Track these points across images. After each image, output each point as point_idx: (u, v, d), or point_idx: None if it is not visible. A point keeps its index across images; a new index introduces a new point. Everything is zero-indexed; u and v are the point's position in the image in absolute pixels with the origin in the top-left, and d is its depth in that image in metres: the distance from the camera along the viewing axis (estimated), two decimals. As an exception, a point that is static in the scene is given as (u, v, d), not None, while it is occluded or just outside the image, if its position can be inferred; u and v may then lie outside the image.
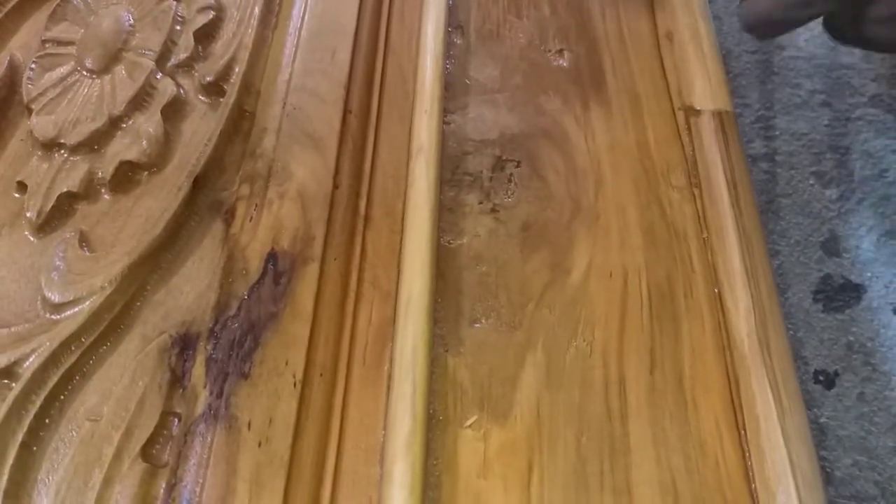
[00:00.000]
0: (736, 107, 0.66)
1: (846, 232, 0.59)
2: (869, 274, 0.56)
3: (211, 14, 0.40)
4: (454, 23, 0.41)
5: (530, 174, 0.36)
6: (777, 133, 0.65)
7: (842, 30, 0.35)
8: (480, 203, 0.35)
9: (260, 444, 0.27)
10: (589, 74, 0.40)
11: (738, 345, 0.30)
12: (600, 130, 0.38)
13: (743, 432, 0.29)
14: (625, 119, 0.38)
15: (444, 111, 0.38)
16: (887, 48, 0.35)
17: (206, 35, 0.40)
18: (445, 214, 0.34)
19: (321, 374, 0.29)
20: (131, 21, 0.40)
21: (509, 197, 0.35)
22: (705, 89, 0.38)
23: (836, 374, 0.52)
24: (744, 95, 0.67)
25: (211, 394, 0.28)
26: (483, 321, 0.31)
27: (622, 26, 0.42)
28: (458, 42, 0.41)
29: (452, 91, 0.39)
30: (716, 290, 0.33)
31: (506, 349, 0.30)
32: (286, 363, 0.29)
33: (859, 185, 0.61)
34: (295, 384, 0.28)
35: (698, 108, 0.37)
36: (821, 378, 0.52)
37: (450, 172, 0.36)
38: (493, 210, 0.35)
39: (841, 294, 0.55)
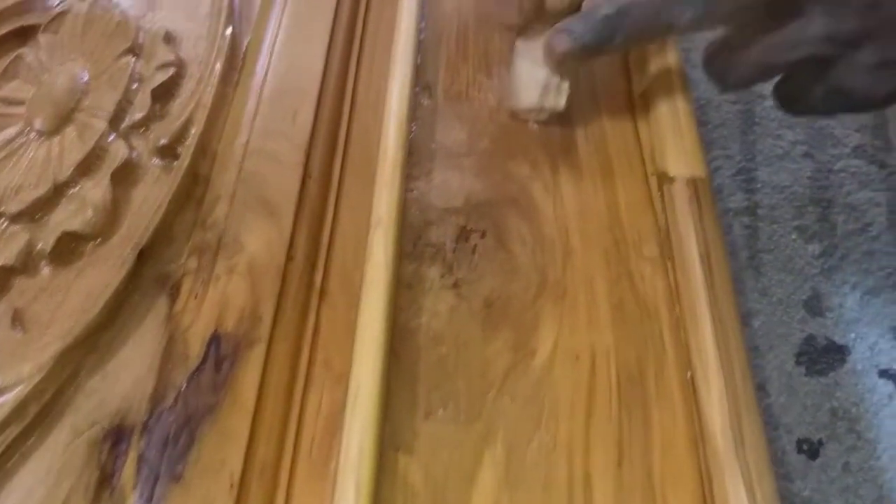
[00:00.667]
0: (717, 158, 0.65)
1: (829, 289, 0.57)
2: (853, 334, 0.54)
3: (171, 71, 0.39)
4: (422, 83, 0.40)
5: (495, 245, 0.34)
6: (759, 185, 0.63)
7: (802, 93, 0.34)
8: (442, 277, 0.33)
9: (190, 556, 0.25)
10: (559, 137, 0.38)
11: (711, 438, 0.28)
12: (570, 196, 0.36)
13: (716, 537, 0.27)
14: (595, 184, 0.37)
15: (409, 177, 0.36)
16: (862, 103, 0.34)
17: (164, 93, 0.39)
18: (404, 291, 0.32)
19: (261, 473, 0.27)
20: (86, 79, 0.38)
21: (473, 270, 0.33)
22: (679, 155, 0.36)
23: (821, 442, 0.50)
24: (725, 147, 0.66)
25: (140, 498, 0.26)
26: (440, 412, 0.29)
27: (596, 85, 0.41)
28: (426, 103, 0.39)
29: (417, 156, 0.37)
30: (688, 375, 0.31)
31: (463, 444, 0.28)
32: (223, 462, 0.27)
33: (842, 240, 0.59)
34: (231, 486, 0.26)
35: (672, 174, 0.36)
36: (804, 447, 0.50)
37: (411, 244, 0.34)
38: (455, 285, 0.33)
39: (824, 356, 0.53)
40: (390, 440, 0.28)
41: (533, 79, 0.36)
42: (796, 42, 0.32)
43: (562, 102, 0.37)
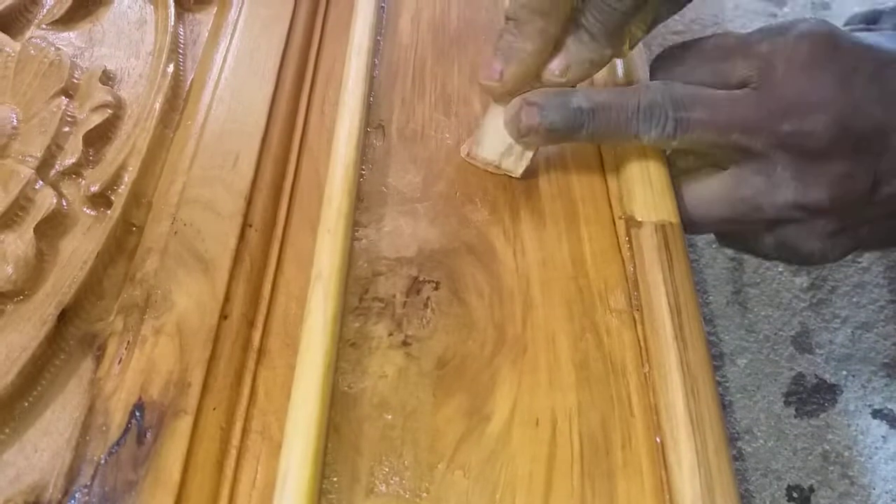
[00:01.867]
0: (699, 187, 0.62)
1: (818, 324, 0.55)
2: (844, 372, 0.52)
3: (107, 113, 0.37)
4: (374, 122, 0.38)
5: (450, 298, 0.32)
6: (742, 216, 0.61)
7: (751, 239, 0.35)
8: (391, 335, 0.30)
9: None
10: (521, 179, 0.36)
11: (682, 513, 0.26)
12: (531, 244, 0.34)
13: None
14: (559, 230, 0.34)
15: (357, 225, 0.34)
16: (810, 262, 0.34)
17: (99, 137, 0.36)
18: (348, 351, 0.30)
19: (182, 564, 0.24)
20: (15, 123, 0.36)
21: (425, 326, 0.31)
22: (647, 198, 0.34)
23: (812, 489, 0.47)
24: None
25: None
26: (383, 488, 0.27)
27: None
28: (378, 144, 0.37)
29: (368, 201, 0.35)
30: (657, 440, 0.28)
31: (407, 525, 0.26)
32: (138, 553, 0.24)
33: (831, 272, 0.57)
34: (146, 581, 0.23)
35: (639, 218, 0.33)
36: (794, 495, 0.47)
37: (357, 299, 0.31)
38: (404, 343, 0.30)
39: (815, 396, 0.51)
40: (327, 524, 0.26)
41: (500, 136, 0.34)
42: (758, 205, 0.32)
43: (519, 171, 0.35)
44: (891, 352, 0.54)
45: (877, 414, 0.51)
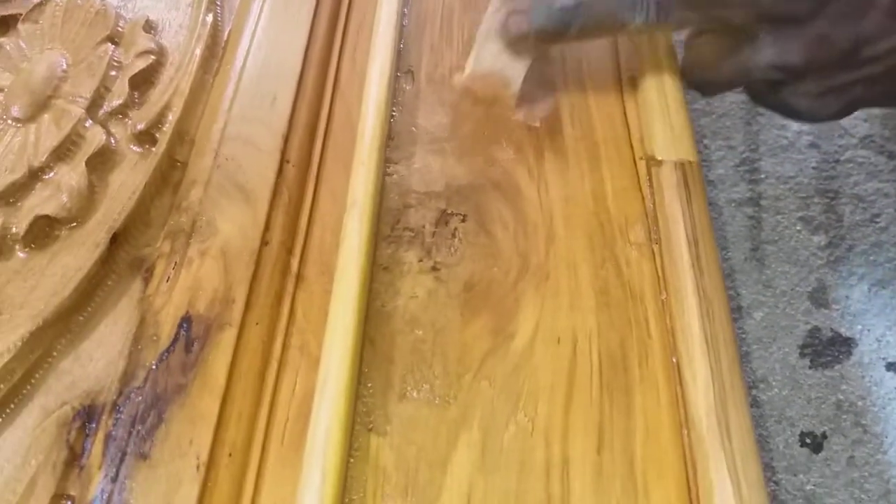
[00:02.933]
0: (720, 149, 0.64)
1: (835, 281, 0.56)
2: (860, 326, 0.53)
3: (150, 59, 0.39)
4: (404, 67, 0.39)
5: (476, 229, 0.33)
6: (762, 176, 0.62)
7: (764, 96, 0.35)
8: (420, 261, 0.32)
9: (151, 539, 0.24)
10: (545, 121, 0.37)
11: (696, 424, 0.27)
12: (555, 182, 0.35)
13: (699, 525, 0.26)
14: (582, 170, 0.36)
15: (388, 161, 0.35)
16: (809, 119, 0.35)
17: (143, 81, 0.38)
18: (381, 274, 0.32)
19: (230, 455, 0.26)
20: (65, 66, 0.38)
21: (452, 254, 0.32)
22: (667, 138, 0.35)
23: (825, 436, 0.48)
24: (728, 137, 0.65)
25: (106, 476, 0.25)
26: (415, 394, 0.28)
27: (583, 70, 0.40)
28: (407, 88, 0.39)
29: (398, 140, 0.36)
30: (673, 360, 0.30)
31: (438, 427, 0.28)
32: (190, 442, 0.26)
33: (849, 231, 0.58)
34: (198, 466, 0.25)
35: (660, 158, 0.35)
36: (807, 441, 0.48)
37: (389, 228, 0.33)
38: (433, 269, 0.32)
39: (830, 348, 0.52)
40: (362, 422, 0.28)
41: (495, 49, 0.34)
42: (747, 68, 0.33)
43: (518, 80, 0.34)
44: (906, 308, 0.54)
45: (891, 367, 0.52)
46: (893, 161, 0.61)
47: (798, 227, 0.60)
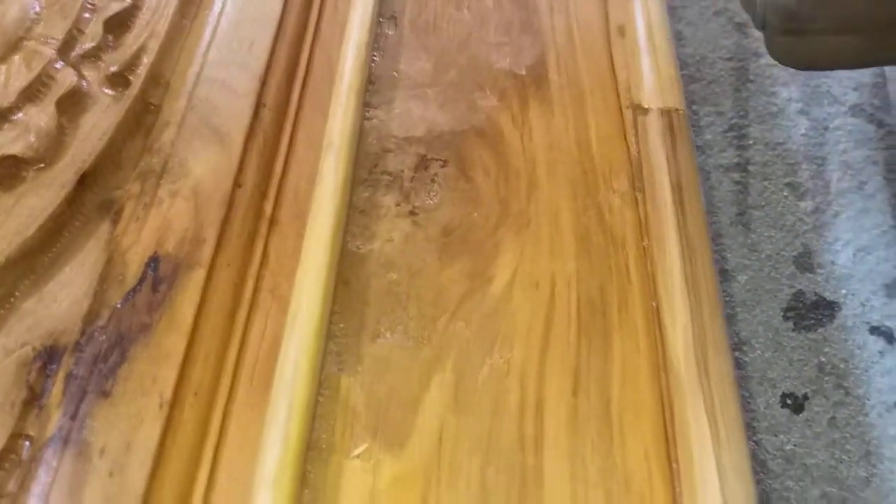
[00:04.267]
0: (708, 115, 0.63)
1: (821, 246, 0.55)
2: (844, 291, 0.52)
3: (126, 2, 0.37)
4: (387, 13, 0.38)
5: (457, 175, 0.33)
6: (751, 142, 0.61)
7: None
8: (398, 205, 0.31)
9: (111, 474, 0.23)
10: (531, 69, 0.37)
11: (674, 366, 0.27)
12: (539, 129, 0.35)
13: (675, 466, 0.25)
14: (566, 118, 0.35)
15: (367, 105, 0.35)
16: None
17: (118, 24, 0.37)
18: (357, 217, 0.31)
19: (195, 394, 0.26)
20: (38, 9, 0.37)
21: (431, 199, 0.32)
22: (654, 86, 0.35)
23: (806, 397, 0.48)
24: (717, 103, 0.64)
25: (65, 415, 0.25)
26: (388, 335, 0.28)
27: (571, 19, 0.39)
28: (390, 34, 0.38)
29: (378, 84, 0.35)
30: (653, 304, 0.29)
31: (410, 367, 0.27)
32: (154, 381, 0.25)
33: (836, 198, 0.57)
34: (161, 405, 0.25)
35: (646, 105, 0.34)
36: (789, 402, 0.48)
37: (366, 171, 0.32)
38: (411, 213, 0.31)
39: (813, 312, 0.52)
40: (334, 361, 0.27)
41: None
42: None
43: None
44: (891, 273, 0.54)
45: (874, 330, 0.51)
46: (882, 129, 0.61)
47: (785, 193, 0.60)
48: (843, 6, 0.27)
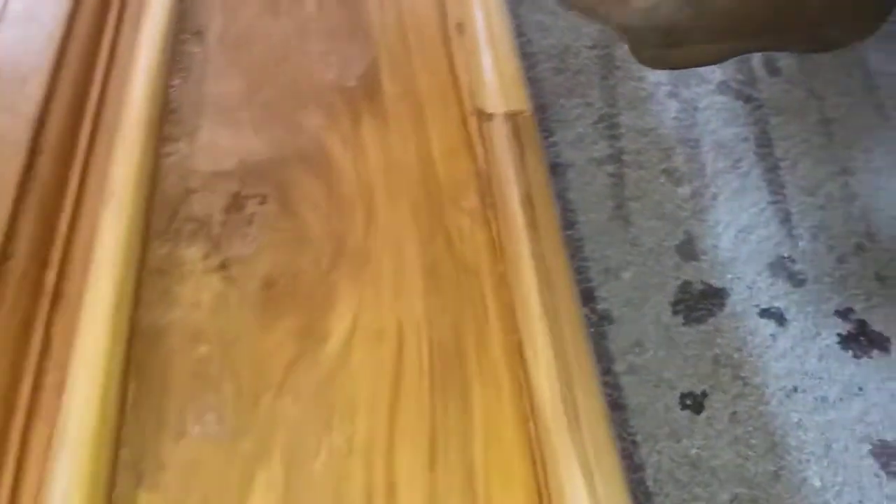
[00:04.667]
0: (577, 107, 0.61)
1: (702, 231, 0.54)
2: (730, 276, 0.51)
3: None
4: (191, 28, 0.33)
5: (278, 212, 0.28)
6: (622, 131, 0.59)
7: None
8: (206, 258, 0.26)
9: None
10: (360, 80, 0.32)
11: (542, 413, 0.23)
12: (374, 149, 0.30)
13: (552, 536, 0.21)
14: (405, 132, 0.31)
15: (166, 139, 0.29)
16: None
17: None
18: (153, 279, 0.25)
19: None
20: None
21: (247, 246, 0.27)
22: (497, 88, 0.31)
23: (705, 394, 0.46)
24: (584, 94, 0.62)
25: None
26: (196, 429, 0.23)
27: (404, 18, 0.35)
28: (196, 52, 0.32)
29: (180, 112, 0.30)
30: (514, 340, 0.25)
31: (227, 467, 0.22)
32: None
33: (713, 180, 0.56)
34: None
35: (490, 110, 0.30)
36: (688, 402, 0.46)
37: (165, 221, 0.27)
38: (222, 266, 0.26)
39: (702, 302, 0.50)
40: (128, 474, 0.22)
41: None
42: None
43: None
44: (773, 252, 0.53)
45: (764, 313, 0.50)
46: (749, 104, 0.60)
47: (662, 180, 0.58)
48: (715, 21, 0.26)
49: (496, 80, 0.31)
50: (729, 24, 0.26)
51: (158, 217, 0.27)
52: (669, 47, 0.27)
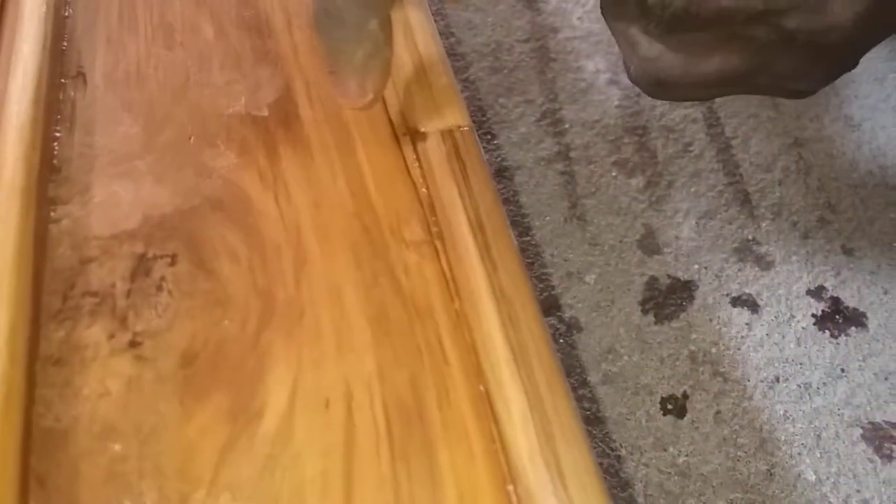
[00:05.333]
0: (518, 105, 0.58)
1: (662, 223, 0.51)
2: (696, 266, 0.49)
3: None
4: (71, 71, 0.29)
5: (193, 272, 0.24)
6: (567, 126, 0.57)
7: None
8: (112, 337, 0.22)
9: None
10: (274, 108, 0.29)
11: (521, 471, 0.20)
12: (297, 184, 0.27)
13: None
14: (331, 161, 0.27)
15: (53, 202, 0.25)
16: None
17: None
18: (50, 372, 0.22)
19: None
20: None
21: (160, 316, 0.23)
22: (428, 103, 0.28)
23: (686, 396, 0.44)
24: (524, 91, 0.59)
25: None
26: (113, 549, 0.19)
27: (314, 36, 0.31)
28: (78, 96, 0.28)
29: (67, 170, 0.26)
30: (481, 389, 0.22)
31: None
32: None
33: (665, 167, 0.54)
34: None
35: (423, 129, 0.27)
36: (670, 407, 0.43)
37: (60, 298, 0.23)
38: (132, 345, 0.22)
39: (671, 297, 0.47)
40: None
41: None
42: None
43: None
44: (737, 236, 0.51)
45: (736, 302, 0.48)
46: (692, 84, 0.58)
47: (613, 174, 0.55)
48: (702, 77, 0.27)
49: (425, 94, 0.28)
50: (717, 80, 0.27)
51: (50, 296, 0.23)
52: (659, 88, 0.28)
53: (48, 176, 0.25)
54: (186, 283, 0.24)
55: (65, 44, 0.30)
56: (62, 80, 0.28)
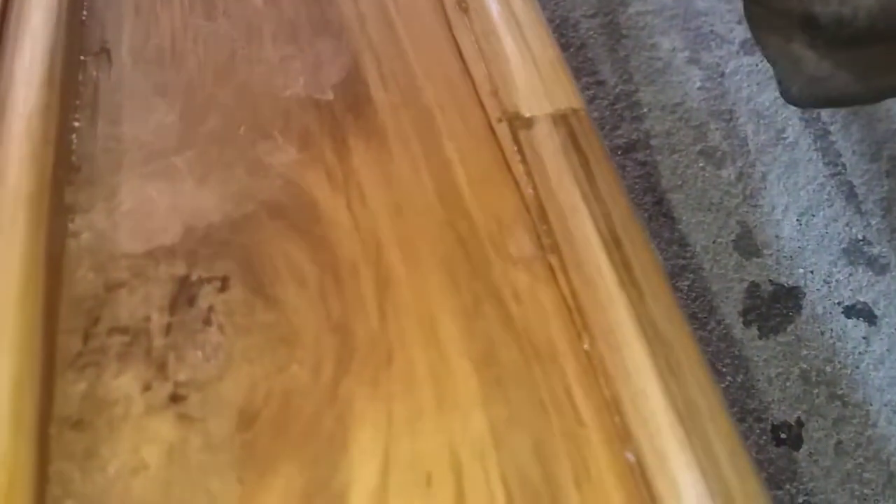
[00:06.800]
0: (588, 88, 0.52)
1: (759, 220, 0.45)
2: (801, 269, 0.43)
3: None
4: (93, 47, 0.24)
5: (249, 299, 0.19)
6: (645, 110, 0.51)
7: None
8: (148, 389, 0.17)
9: None
10: (341, 90, 0.23)
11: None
12: (373, 184, 0.21)
13: None
14: (412, 155, 0.22)
15: (71, 210, 0.20)
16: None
17: None
18: (68, 438, 0.16)
19: None
20: None
21: (208, 360, 0.18)
22: (533, 82, 0.22)
23: (801, 423, 0.38)
24: (594, 72, 0.53)
25: None
26: None
27: (386, 2, 0.26)
28: (101, 76, 0.23)
29: (86, 170, 0.21)
30: (629, 457, 0.17)
31: None
32: None
33: (758, 156, 0.48)
34: None
35: (527, 113, 0.22)
36: (782, 435, 0.37)
37: (78, 337, 0.18)
38: (174, 399, 0.17)
39: (775, 306, 0.41)
40: None
41: None
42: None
43: None
44: (844, 235, 0.44)
45: (850, 312, 0.41)
46: (781, 63, 0.52)
47: (701, 164, 0.49)
48: (878, 92, 0.28)
49: (528, 70, 0.22)
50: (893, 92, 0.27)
51: (68, 334, 0.18)
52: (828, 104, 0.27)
53: (64, 178, 0.20)
54: (242, 315, 0.18)
55: (84, 13, 0.24)
56: (81, 58, 0.23)
